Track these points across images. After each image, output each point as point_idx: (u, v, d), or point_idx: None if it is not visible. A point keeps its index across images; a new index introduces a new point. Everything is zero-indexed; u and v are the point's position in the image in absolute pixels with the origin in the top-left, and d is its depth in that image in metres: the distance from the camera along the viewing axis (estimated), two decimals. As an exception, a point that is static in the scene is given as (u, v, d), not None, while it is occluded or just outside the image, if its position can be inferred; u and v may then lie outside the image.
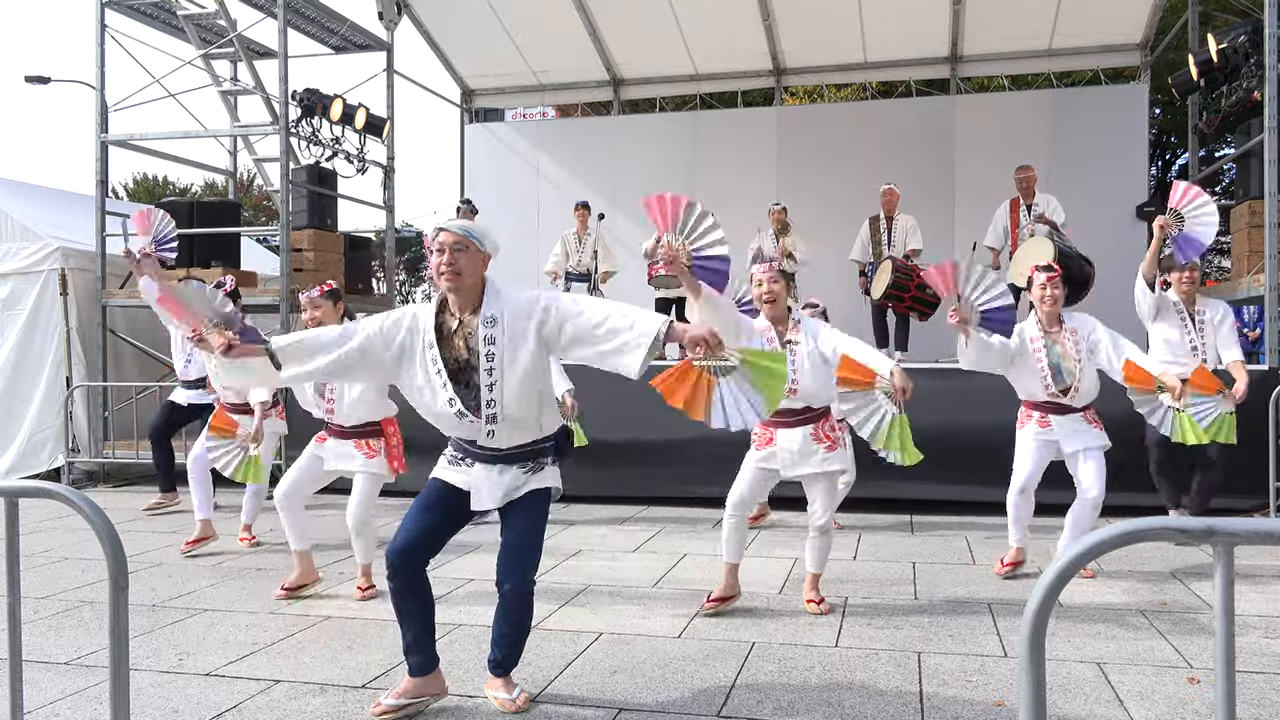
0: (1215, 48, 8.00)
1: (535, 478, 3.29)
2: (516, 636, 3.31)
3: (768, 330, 4.36)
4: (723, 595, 4.45)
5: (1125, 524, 1.62)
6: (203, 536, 5.99)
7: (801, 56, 11.88)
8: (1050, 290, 4.93)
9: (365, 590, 4.78)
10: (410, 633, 3.26)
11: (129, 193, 33.05)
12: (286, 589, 4.80)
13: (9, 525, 2.26)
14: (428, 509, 3.28)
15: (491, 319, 3.16)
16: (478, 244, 3.18)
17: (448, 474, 3.32)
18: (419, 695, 3.26)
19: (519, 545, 3.24)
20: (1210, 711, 3.18)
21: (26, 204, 9.76)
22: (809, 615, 4.39)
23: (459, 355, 3.18)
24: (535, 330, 3.15)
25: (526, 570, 3.24)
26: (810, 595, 4.51)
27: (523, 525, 3.25)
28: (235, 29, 10.01)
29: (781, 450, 4.35)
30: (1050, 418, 4.95)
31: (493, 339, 3.15)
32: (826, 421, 4.38)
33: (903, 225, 8.76)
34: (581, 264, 9.28)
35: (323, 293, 4.70)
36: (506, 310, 3.17)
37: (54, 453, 8.91)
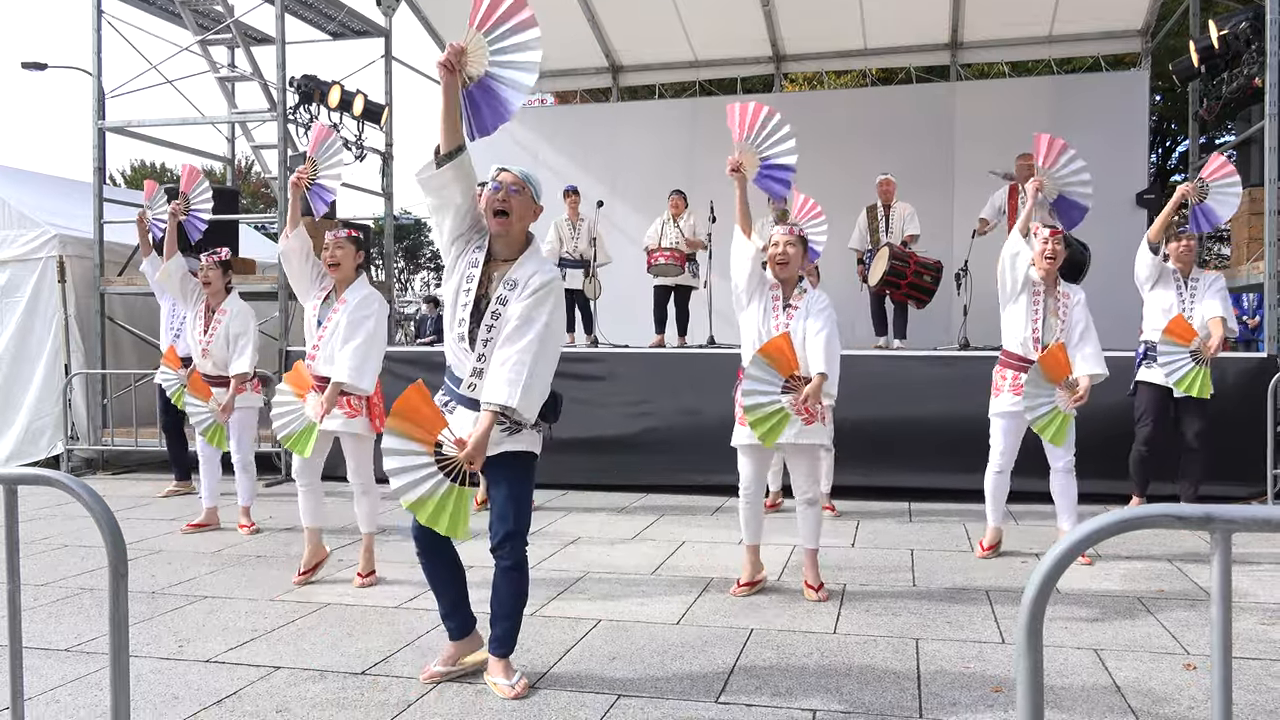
0: (1216, 34, 7.97)
1: (512, 439, 3.25)
2: (514, 608, 3.32)
3: (775, 288, 4.45)
4: (750, 579, 4.52)
5: (1123, 511, 1.62)
6: (206, 522, 6.06)
7: (801, 43, 11.83)
8: (1053, 245, 4.99)
9: (365, 578, 4.78)
10: (445, 600, 3.43)
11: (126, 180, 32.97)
12: (303, 574, 4.79)
13: (8, 512, 2.26)
14: None
15: (513, 282, 3.20)
16: (534, 191, 3.27)
17: None
18: (461, 658, 3.42)
19: (509, 511, 3.26)
20: (1207, 697, 3.19)
21: (24, 191, 9.73)
22: (807, 602, 4.41)
23: (480, 292, 3.22)
24: None
25: (520, 535, 3.27)
26: (809, 579, 4.51)
27: (508, 489, 3.27)
28: (233, 15, 9.94)
29: None
30: (1022, 376, 5.02)
31: (504, 300, 3.19)
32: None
33: (900, 213, 8.74)
34: (576, 250, 9.24)
35: (348, 235, 4.76)
36: (527, 281, 3.19)
37: (53, 440, 8.91)
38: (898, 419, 7.04)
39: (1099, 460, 6.07)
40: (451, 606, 3.44)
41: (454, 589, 3.43)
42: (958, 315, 8.20)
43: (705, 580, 4.80)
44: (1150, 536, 5.56)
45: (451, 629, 3.46)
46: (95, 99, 9.29)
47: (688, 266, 9.02)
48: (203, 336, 6.01)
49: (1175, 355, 5.55)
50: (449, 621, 3.46)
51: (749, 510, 4.54)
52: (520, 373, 3.05)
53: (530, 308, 3.14)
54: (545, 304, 3.16)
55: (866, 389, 7.08)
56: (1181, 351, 5.54)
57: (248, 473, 6.09)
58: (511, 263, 3.24)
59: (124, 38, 9.75)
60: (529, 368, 3.07)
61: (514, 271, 3.22)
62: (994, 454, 5.20)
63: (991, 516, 5.27)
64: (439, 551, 3.38)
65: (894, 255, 8.11)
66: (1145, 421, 5.82)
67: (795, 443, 4.37)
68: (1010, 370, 5.12)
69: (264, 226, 13.56)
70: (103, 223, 9.15)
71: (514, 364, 3.07)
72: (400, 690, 3.34)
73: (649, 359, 7.88)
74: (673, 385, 7.56)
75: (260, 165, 11.59)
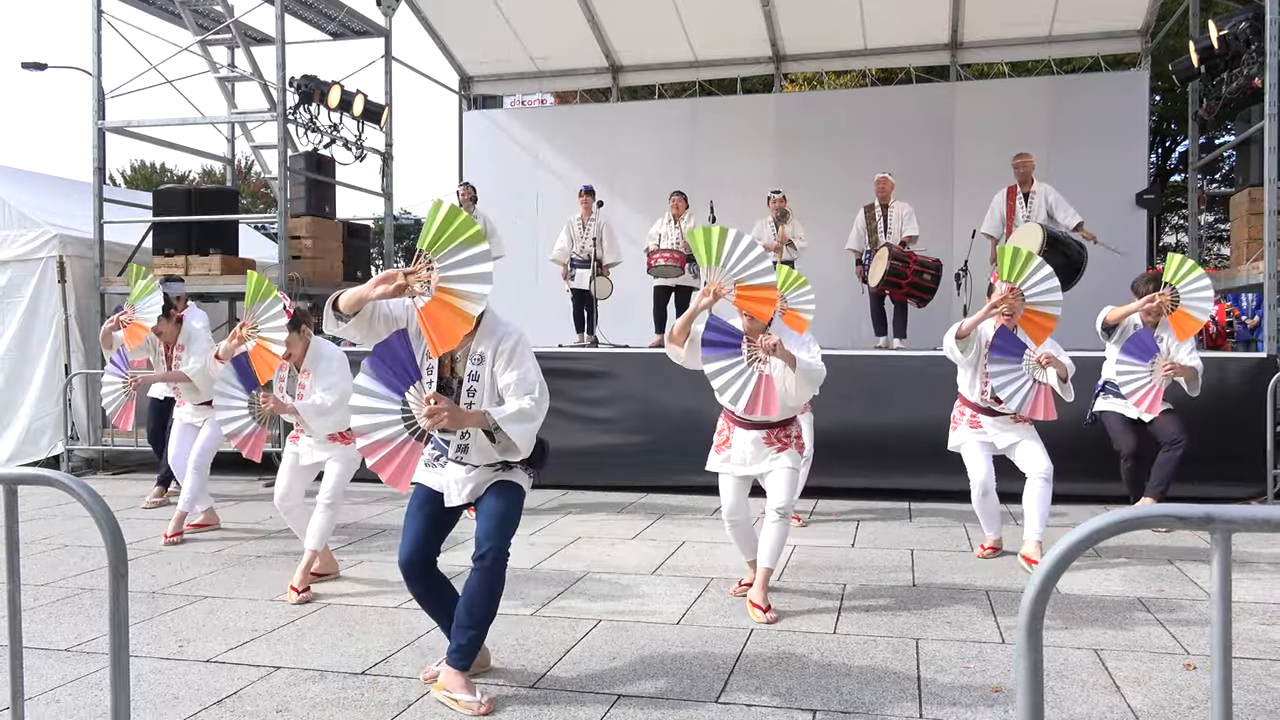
0: (1216, 34, 7.97)
1: (504, 475, 3.33)
2: (485, 611, 3.26)
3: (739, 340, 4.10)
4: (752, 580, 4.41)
5: (1123, 511, 1.63)
6: (206, 522, 6.04)
7: (801, 43, 11.83)
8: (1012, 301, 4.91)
9: (301, 594, 4.49)
10: (443, 621, 3.38)
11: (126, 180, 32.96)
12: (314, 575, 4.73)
13: (8, 512, 2.26)
14: (419, 512, 3.35)
15: (480, 356, 3.23)
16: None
17: (424, 476, 3.37)
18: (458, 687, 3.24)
19: (495, 514, 3.28)
20: (1207, 697, 3.19)
21: (24, 191, 9.73)
22: (807, 602, 4.40)
23: (445, 374, 3.27)
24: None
25: (504, 535, 3.28)
26: (757, 599, 4.17)
27: (497, 501, 3.30)
28: (232, 15, 9.95)
29: (736, 450, 4.34)
30: (980, 418, 5.13)
31: (477, 375, 3.24)
32: (784, 429, 4.32)
33: (898, 213, 8.73)
34: (584, 250, 9.26)
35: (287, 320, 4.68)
36: (495, 348, 3.22)
37: (53, 440, 8.91)
38: (898, 419, 7.04)
39: (1099, 461, 6.08)
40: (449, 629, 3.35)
41: (448, 614, 3.34)
42: (957, 315, 8.18)
43: (705, 580, 4.80)
44: (1149, 537, 5.56)
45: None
46: (95, 99, 9.28)
47: (688, 267, 9.03)
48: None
49: (1134, 370, 5.46)
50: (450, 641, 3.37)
51: (737, 532, 4.46)
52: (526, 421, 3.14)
53: (517, 368, 3.20)
54: (526, 358, 3.24)
55: (866, 389, 7.09)
56: (1140, 368, 5.46)
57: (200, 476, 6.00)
58: (470, 336, 3.19)
59: (124, 38, 9.75)
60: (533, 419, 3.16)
61: (476, 345, 3.24)
62: (973, 478, 5.12)
63: (989, 532, 5.25)
64: (427, 577, 3.34)
65: (893, 256, 8.12)
66: (1121, 440, 5.72)
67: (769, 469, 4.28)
68: (969, 409, 5.20)
69: (264, 226, 13.56)
70: (103, 223, 9.15)
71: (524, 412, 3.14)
72: (400, 690, 3.34)
73: (649, 359, 7.88)
74: (672, 385, 7.55)
75: (260, 165, 11.60)
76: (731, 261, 3.98)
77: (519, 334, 3.27)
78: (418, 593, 3.37)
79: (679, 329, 4.17)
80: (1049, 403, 4.89)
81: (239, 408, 4.78)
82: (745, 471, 4.35)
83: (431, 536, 3.34)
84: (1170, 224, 24.32)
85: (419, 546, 3.30)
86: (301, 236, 9.34)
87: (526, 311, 11.82)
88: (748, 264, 3.97)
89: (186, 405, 6.26)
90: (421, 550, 3.31)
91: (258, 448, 4.79)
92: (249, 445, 4.79)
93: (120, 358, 6.19)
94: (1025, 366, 4.90)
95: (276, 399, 4.74)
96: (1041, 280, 4.91)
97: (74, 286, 9.00)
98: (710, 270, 4.01)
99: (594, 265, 9.15)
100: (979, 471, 5.11)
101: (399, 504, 6.82)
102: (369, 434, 3.10)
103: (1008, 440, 5.10)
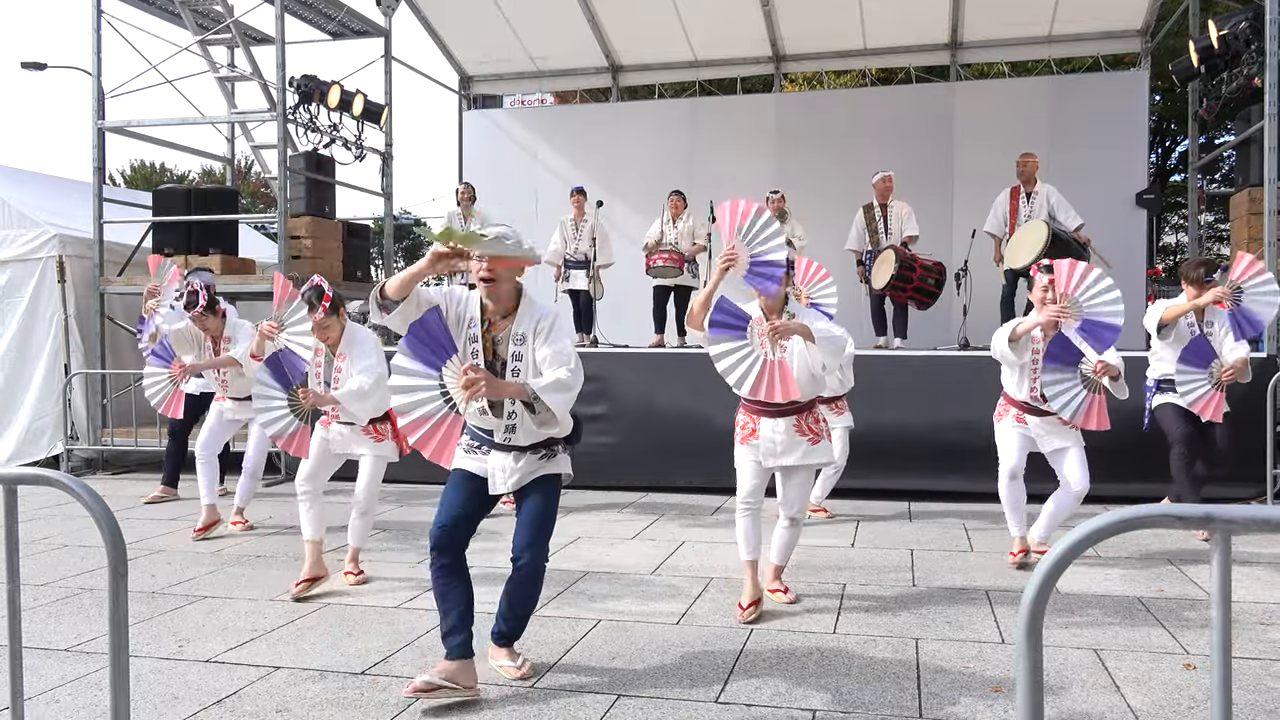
0: (1216, 34, 7.97)
1: (549, 464, 3.44)
2: (524, 610, 3.47)
3: (759, 322, 4.10)
4: (755, 599, 4.20)
5: (1123, 511, 1.62)
6: (211, 522, 6.02)
7: (801, 43, 11.83)
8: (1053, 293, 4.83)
9: (357, 576, 4.80)
10: (452, 615, 3.31)
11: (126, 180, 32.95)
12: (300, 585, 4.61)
13: (8, 512, 2.26)
14: (460, 488, 3.42)
15: (521, 337, 3.32)
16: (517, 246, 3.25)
17: (465, 462, 3.45)
18: (454, 680, 3.21)
19: (535, 521, 3.39)
20: (1206, 697, 3.19)
21: (23, 191, 9.73)
22: (807, 602, 4.40)
23: (488, 358, 3.33)
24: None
25: (543, 544, 3.40)
26: (774, 585, 4.41)
27: (538, 504, 3.41)
28: (232, 14, 9.95)
29: (764, 440, 4.19)
30: (1027, 417, 4.98)
31: (519, 355, 3.32)
32: (811, 414, 4.22)
33: (898, 212, 8.73)
34: (578, 251, 9.26)
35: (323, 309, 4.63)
36: (534, 328, 3.31)
37: (53, 440, 8.91)
38: (898, 419, 7.05)
39: (1101, 461, 6.06)
40: (458, 621, 3.30)
41: (464, 603, 3.33)
42: (958, 315, 8.20)
43: (705, 580, 4.80)
44: (1150, 537, 5.56)
45: (451, 647, 3.29)
46: (95, 99, 9.28)
47: (686, 267, 9.03)
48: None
49: (1194, 377, 5.45)
50: (450, 639, 3.30)
51: (748, 521, 4.29)
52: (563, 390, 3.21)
53: (555, 343, 3.29)
54: (564, 334, 3.35)
55: (867, 389, 7.08)
56: (1199, 375, 5.44)
57: (254, 480, 6.25)
58: (509, 318, 3.35)
59: (124, 38, 9.75)
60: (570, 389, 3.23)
61: (517, 327, 3.34)
62: (1004, 462, 5.03)
63: (1013, 526, 5.06)
64: (455, 553, 3.34)
65: (900, 259, 8.09)
66: (1175, 427, 5.59)
67: (799, 464, 4.19)
68: (1014, 407, 5.04)
69: (264, 226, 13.56)
70: (102, 223, 9.14)
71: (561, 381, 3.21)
72: (400, 690, 3.34)
73: (649, 359, 7.88)
74: (672, 385, 7.57)
75: (260, 165, 11.60)
76: (751, 232, 4.05)
77: (556, 313, 3.40)
78: (442, 565, 3.31)
79: (699, 306, 4.14)
80: (1102, 412, 4.76)
81: (279, 407, 4.72)
82: (774, 463, 4.20)
83: (470, 514, 3.41)
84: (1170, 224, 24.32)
85: (456, 520, 3.35)
86: (301, 236, 9.33)
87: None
88: (765, 237, 4.03)
89: (228, 401, 6.21)
90: (466, 516, 3.38)
91: (304, 444, 4.73)
92: (295, 443, 4.73)
93: (163, 348, 6.21)
94: (1080, 374, 4.76)
95: (316, 393, 4.67)
96: (1102, 291, 4.80)
97: (74, 286, 9.00)
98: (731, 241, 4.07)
99: (590, 268, 9.15)
100: (1010, 457, 4.99)
101: (400, 504, 6.82)
102: (409, 411, 3.21)
103: (1053, 445, 4.92)
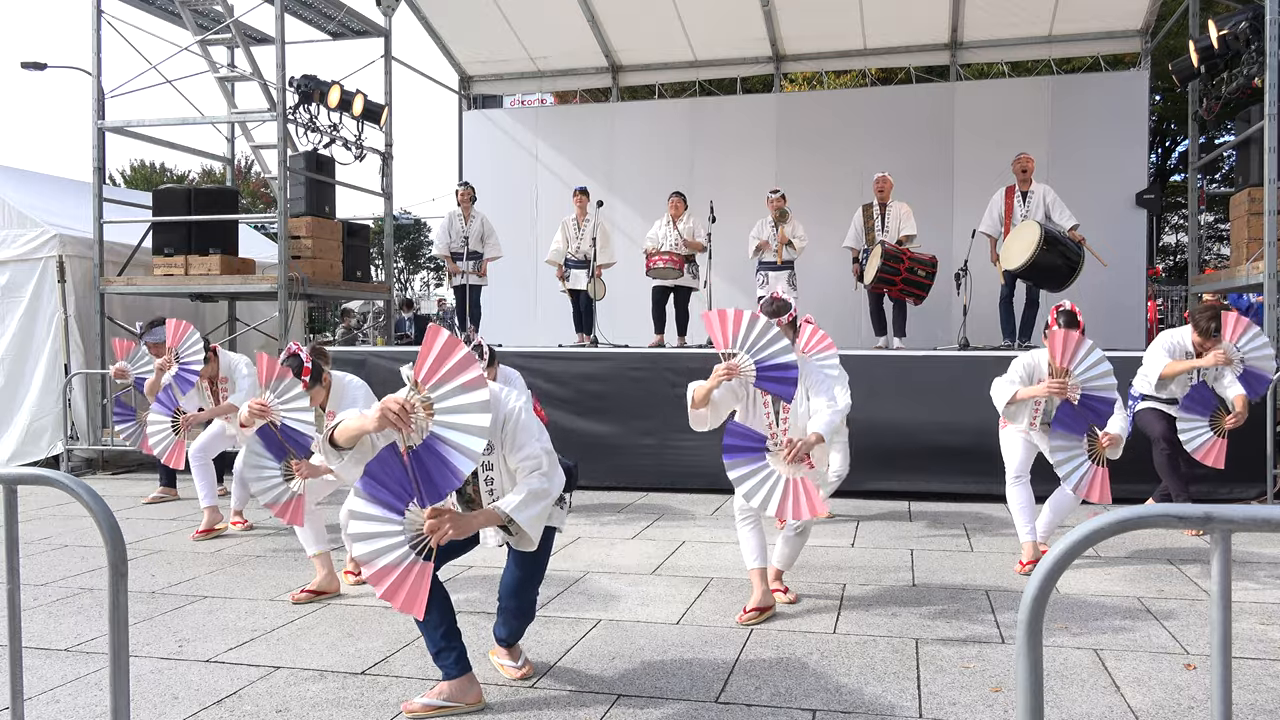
0: (1216, 34, 7.97)
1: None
2: (519, 626, 3.48)
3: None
4: (760, 605, 4.14)
5: (1122, 511, 1.62)
6: (211, 524, 6.03)
7: (801, 43, 11.83)
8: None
9: (357, 576, 4.77)
10: (435, 635, 3.18)
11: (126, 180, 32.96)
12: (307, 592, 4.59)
13: (8, 512, 2.26)
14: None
15: (489, 445, 3.13)
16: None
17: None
18: (454, 700, 3.15)
19: (523, 574, 3.34)
20: (1206, 697, 3.19)
21: (23, 191, 9.73)
22: (808, 602, 4.40)
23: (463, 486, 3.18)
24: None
25: (530, 595, 3.38)
26: (776, 585, 4.39)
27: (527, 556, 3.32)
28: (232, 14, 9.94)
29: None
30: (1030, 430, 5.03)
31: (490, 464, 3.21)
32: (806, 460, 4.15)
33: (896, 212, 8.73)
34: (580, 250, 9.28)
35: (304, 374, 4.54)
36: (499, 435, 3.13)
37: (53, 440, 8.91)
38: (898, 419, 7.05)
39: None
40: (444, 637, 3.18)
41: (446, 620, 3.19)
42: (957, 315, 8.20)
43: (705, 580, 4.80)
44: (1150, 537, 5.56)
45: (448, 665, 3.18)
46: (95, 99, 9.28)
47: (686, 268, 9.04)
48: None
49: (1195, 424, 5.45)
50: (446, 655, 3.18)
51: (750, 530, 4.23)
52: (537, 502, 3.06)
53: (522, 447, 3.11)
54: (529, 432, 3.14)
55: (866, 389, 7.09)
56: (1201, 422, 5.45)
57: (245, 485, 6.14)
58: None
59: (124, 38, 9.75)
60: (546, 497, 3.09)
61: None
62: (1010, 464, 5.04)
63: (1023, 531, 5.00)
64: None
65: (886, 253, 8.11)
66: (1154, 427, 5.63)
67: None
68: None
69: (264, 226, 13.57)
70: (102, 223, 9.14)
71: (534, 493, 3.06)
72: (400, 690, 3.34)
73: (649, 359, 7.88)
74: (672, 385, 7.57)
75: (260, 165, 11.58)
76: (750, 341, 3.94)
77: (516, 408, 3.17)
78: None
79: (699, 398, 4.04)
80: (1105, 486, 4.71)
81: (273, 477, 4.64)
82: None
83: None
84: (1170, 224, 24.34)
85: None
86: (301, 236, 9.33)
87: (526, 311, 11.87)
88: (766, 343, 3.93)
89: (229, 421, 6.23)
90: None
91: (299, 513, 4.60)
92: (290, 512, 4.61)
93: (167, 396, 6.17)
94: (1086, 445, 4.73)
95: (310, 465, 4.57)
96: (1094, 364, 4.72)
97: (74, 286, 8.99)
98: (729, 351, 3.96)
99: (591, 268, 9.15)
100: (1015, 458, 5.02)
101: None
102: (372, 561, 2.91)
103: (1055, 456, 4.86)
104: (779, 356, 3.94)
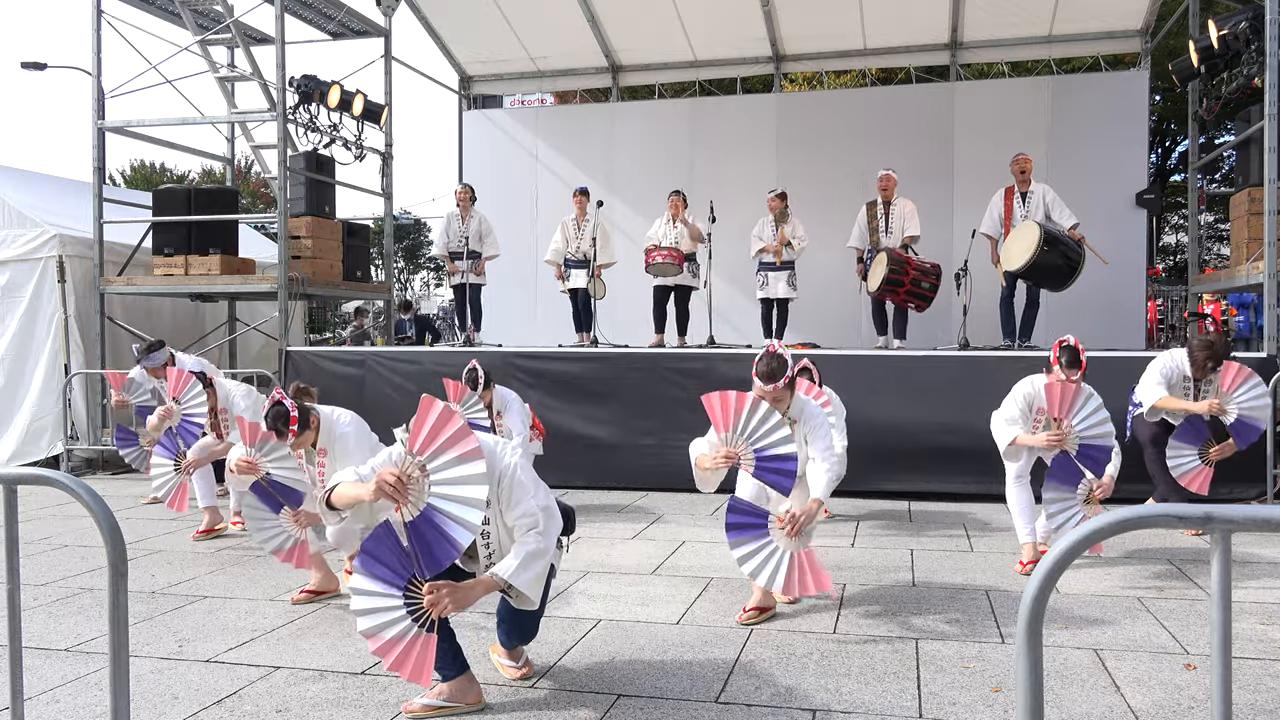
0: (1216, 34, 7.96)
1: None
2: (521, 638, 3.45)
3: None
4: (759, 605, 4.15)
5: (1122, 511, 1.62)
6: (211, 525, 6.02)
7: (801, 43, 11.84)
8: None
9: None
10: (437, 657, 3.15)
11: (126, 180, 32.97)
12: (306, 593, 4.60)
13: (8, 512, 2.26)
14: None
15: (485, 519, 3.08)
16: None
17: None
18: (454, 700, 3.16)
19: (525, 618, 3.30)
20: (1207, 697, 3.19)
21: (23, 191, 9.73)
22: (807, 602, 4.40)
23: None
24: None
25: (527, 634, 3.38)
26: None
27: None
28: (232, 15, 9.95)
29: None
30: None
31: (487, 535, 3.15)
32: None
33: (900, 210, 8.71)
34: (580, 250, 9.28)
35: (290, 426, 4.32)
36: (495, 493, 3.07)
37: (53, 440, 8.91)
38: (898, 419, 7.05)
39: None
40: (442, 658, 3.13)
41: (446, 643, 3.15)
42: (957, 315, 8.20)
43: (705, 580, 4.80)
44: (1150, 537, 5.56)
45: (448, 675, 3.19)
46: (95, 99, 9.28)
47: (686, 266, 9.03)
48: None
49: (1184, 453, 5.47)
50: (447, 671, 3.18)
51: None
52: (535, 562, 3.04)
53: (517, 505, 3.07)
54: (524, 488, 3.10)
55: (867, 389, 7.09)
56: (1190, 451, 5.47)
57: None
58: None
59: (124, 38, 9.75)
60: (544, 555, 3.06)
61: None
62: (1009, 465, 5.03)
63: (1022, 532, 4.99)
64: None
65: (891, 263, 8.08)
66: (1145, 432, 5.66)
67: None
68: None
69: (264, 226, 13.57)
70: (102, 223, 9.15)
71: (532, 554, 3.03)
72: (400, 690, 3.34)
73: (648, 359, 7.88)
74: (672, 385, 7.57)
75: (260, 165, 11.59)
76: (750, 430, 3.91)
77: (511, 463, 3.11)
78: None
79: (707, 467, 4.03)
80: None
81: (273, 528, 4.61)
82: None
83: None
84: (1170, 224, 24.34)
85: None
86: (301, 236, 9.34)
87: (526, 311, 11.87)
88: (765, 432, 3.89)
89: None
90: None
91: (304, 557, 4.57)
92: (295, 557, 4.58)
93: (170, 440, 6.15)
94: (1080, 496, 4.73)
95: (308, 513, 4.54)
96: (1092, 413, 4.73)
97: (74, 286, 9.00)
98: (727, 437, 3.94)
99: (591, 267, 9.16)
100: (1015, 460, 5.02)
101: (399, 504, 6.81)
102: (378, 634, 2.97)
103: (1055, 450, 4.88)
104: (778, 447, 3.88)
